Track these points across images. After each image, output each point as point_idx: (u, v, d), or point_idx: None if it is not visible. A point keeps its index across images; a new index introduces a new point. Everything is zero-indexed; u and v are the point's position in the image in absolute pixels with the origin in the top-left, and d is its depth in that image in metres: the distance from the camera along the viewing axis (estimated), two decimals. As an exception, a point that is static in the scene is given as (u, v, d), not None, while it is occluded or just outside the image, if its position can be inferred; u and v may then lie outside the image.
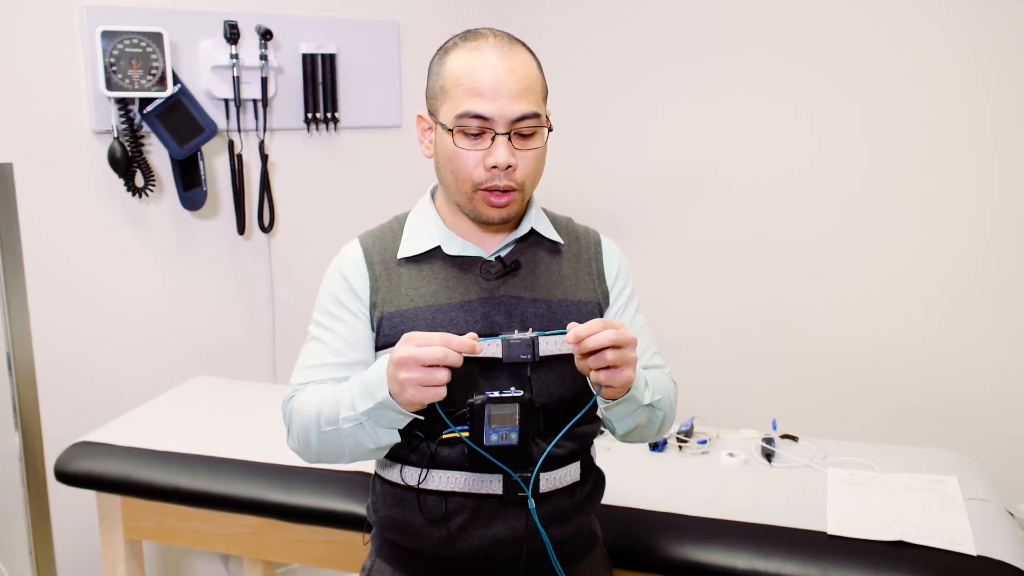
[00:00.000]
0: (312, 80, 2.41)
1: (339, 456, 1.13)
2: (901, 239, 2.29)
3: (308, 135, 2.48)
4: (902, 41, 2.22)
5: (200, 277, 2.37)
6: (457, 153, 1.13)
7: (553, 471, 1.19)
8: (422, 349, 0.99)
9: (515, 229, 1.23)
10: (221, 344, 2.41)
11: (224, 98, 2.27)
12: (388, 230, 1.26)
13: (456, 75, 1.13)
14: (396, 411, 1.04)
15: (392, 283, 1.19)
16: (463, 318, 1.15)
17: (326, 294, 1.22)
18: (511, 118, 1.12)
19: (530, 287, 1.18)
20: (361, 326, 1.19)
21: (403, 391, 1.01)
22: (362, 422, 1.07)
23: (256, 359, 2.48)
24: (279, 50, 2.36)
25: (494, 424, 1.04)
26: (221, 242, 2.39)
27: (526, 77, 1.14)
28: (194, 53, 2.23)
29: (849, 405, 2.38)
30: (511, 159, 1.12)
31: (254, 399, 2.07)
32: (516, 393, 1.03)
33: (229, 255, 2.41)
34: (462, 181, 1.15)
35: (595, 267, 1.26)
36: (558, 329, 1.12)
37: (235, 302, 2.44)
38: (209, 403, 2.04)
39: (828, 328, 2.41)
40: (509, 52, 1.15)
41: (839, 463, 1.71)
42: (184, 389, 2.13)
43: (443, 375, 1.00)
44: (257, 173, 2.40)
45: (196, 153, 2.23)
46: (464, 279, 1.18)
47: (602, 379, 1.06)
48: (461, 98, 1.12)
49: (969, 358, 2.21)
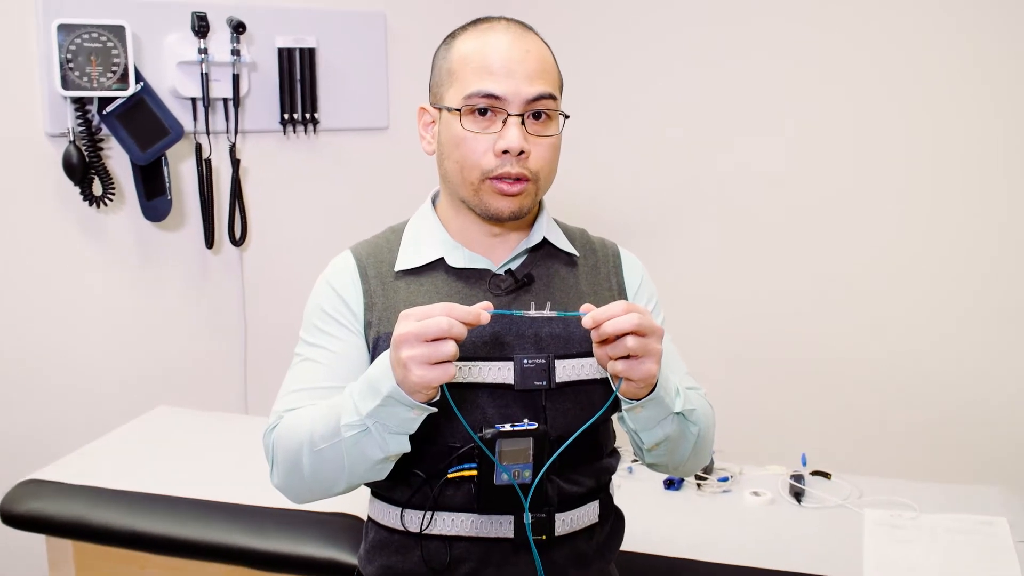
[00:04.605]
0: (289, 77, 2.41)
1: (336, 478, 1.10)
2: (948, 261, 2.31)
3: (285, 138, 2.48)
4: (930, 54, 2.27)
5: (164, 295, 2.36)
6: (464, 138, 1.14)
7: (570, 511, 1.18)
8: (423, 322, 0.99)
9: (525, 237, 1.24)
10: (187, 370, 2.40)
11: (191, 97, 2.28)
12: (383, 241, 1.26)
13: (466, 56, 1.15)
14: (406, 404, 1.02)
15: (389, 299, 1.19)
16: (469, 339, 1.15)
17: (314, 310, 1.22)
18: (525, 98, 1.13)
19: (544, 303, 1.18)
20: (357, 342, 1.18)
21: (408, 373, 0.99)
22: (367, 427, 1.05)
23: (226, 387, 2.47)
24: (253, 44, 2.37)
25: (505, 461, 1.04)
26: (187, 257, 2.39)
27: (542, 59, 1.16)
28: (159, 48, 2.24)
29: (887, 438, 2.39)
30: (524, 143, 1.13)
31: (224, 432, 2.05)
32: (530, 425, 1.03)
33: (196, 271, 2.41)
34: (469, 169, 1.15)
35: (615, 281, 1.27)
36: (578, 350, 1.12)
37: (203, 324, 2.43)
38: (173, 437, 2.02)
39: (864, 354, 2.42)
40: (523, 34, 1.17)
41: (876, 503, 1.71)
42: (145, 421, 2.12)
43: (449, 348, 0.99)
44: (228, 180, 2.40)
45: (160, 158, 2.23)
46: (471, 295, 1.18)
47: (620, 370, 1.05)
48: (471, 78, 1.13)
49: (1020, 388, 2.23)
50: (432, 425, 1.11)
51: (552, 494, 1.16)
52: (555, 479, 1.16)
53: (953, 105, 2.24)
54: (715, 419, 1.27)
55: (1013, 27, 2.13)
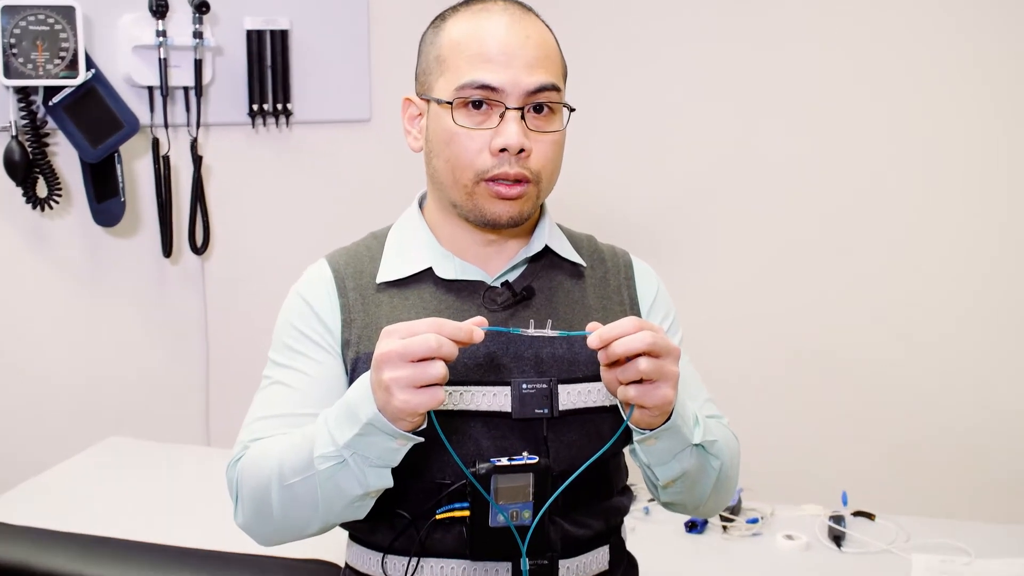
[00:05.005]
0: (259, 63, 2.42)
1: (310, 517, 1.10)
2: (1002, 272, 2.31)
3: (253, 132, 2.49)
4: (948, 56, 2.30)
5: (115, 311, 2.37)
6: (456, 134, 1.14)
7: (576, 558, 1.18)
8: (408, 340, 0.98)
9: (525, 245, 1.24)
10: (141, 396, 2.40)
11: (148, 86, 2.29)
12: (364, 248, 1.26)
13: (457, 41, 1.15)
14: (389, 433, 1.02)
15: (370, 315, 1.19)
16: (461, 360, 1.15)
17: (285, 327, 1.22)
18: (526, 90, 1.14)
19: (546, 321, 1.18)
20: (334, 363, 1.19)
21: (391, 398, 0.99)
22: (344, 459, 1.05)
23: (186, 415, 2.47)
24: (217, 26, 2.38)
25: (502, 500, 1.04)
26: (142, 266, 2.39)
27: (543, 45, 1.16)
28: (112, 31, 2.24)
29: (938, 473, 2.39)
30: (524, 140, 1.14)
31: (183, 466, 2.06)
32: (530, 459, 1.03)
33: (152, 283, 2.41)
34: (461, 170, 1.15)
35: (626, 295, 1.27)
36: (583, 374, 1.11)
37: (160, 342, 2.43)
38: (127, 471, 2.03)
39: (907, 378, 2.42)
40: (522, 16, 1.17)
41: (925, 547, 1.71)
42: (95, 453, 2.12)
43: (438, 369, 0.98)
44: (188, 180, 2.40)
45: (113, 155, 2.23)
46: (462, 310, 1.18)
47: (631, 396, 1.05)
48: (464, 66, 1.14)
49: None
50: (418, 458, 1.11)
51: (555, 538, 1.16)
52: (558, 520, 1.16)
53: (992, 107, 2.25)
54: (740, 452, 1.27)
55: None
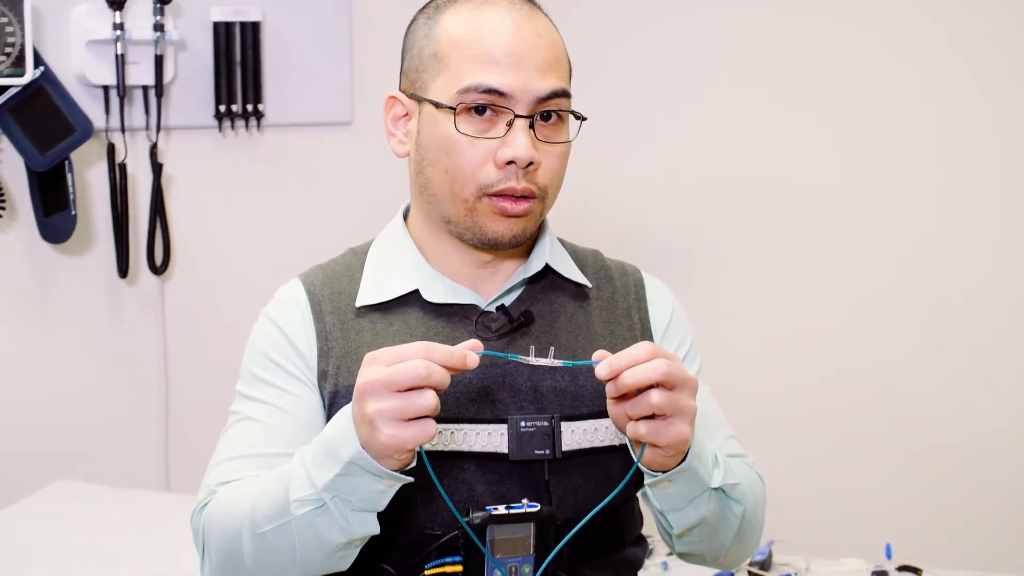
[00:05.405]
0: (227, 59, 2.43)
1: (286, 569, 1.10)
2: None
3: (221, 136, 2.50)
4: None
5: (64, 337, 2.37)
6: (458, 142, 1.15)
7: (583, 617, 1.18)
8: (394, 367, 0.98)
9: (522, 265, 1.25)
10: (93, 434, 2.39)
11: (103, 85, 2.30)
12: (342, 267, 1.27)
13: (458, 38, 1.16)
14: (374, 473, 1.02)
15: (350, 342, 1.20)
16: (452, 394, 1.16)
17: (255, 355, 1.23)
18: (536, 96, 1.15)
19: (547, 351, 1.19)
20: (310, 396, 1.19)
21: (375, 432, 0.98)
22: (324, 502, 1.04)
23: (142, 456, 2.46)
24: (181, 17, 2.39)
25: (500, 553, 1.05)
26: (95, 288, 2.39)
27: (554, 46, 1.18)
28: (63, 24, 2.25)
29: (991, 524, 2.38)
30: (534, 152, 1.15)
31: (140, 513, 2.05)
32: (530, 507, 1.04)
33: (106, 306, 2.41)
34: (462, 183, 1.16)
35: (637, 318, 1.28)
36: (589, 409, 1.11)
37: (113, 373, 2.43)
38: (75, 519, 2.02)
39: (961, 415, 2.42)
40: (531, 13, 1.19)
41: (979, 605, 1.72)
42: (40, 499, 2.11)
43: (428, 400, 0.98)
44: (148, 190, 2.41)
45: (63, 163, 2.24)
46: (453, 337, 1.19)
47: (642, 433, 1.05)
48: (467, 67, 1.15)
49: None
50: (405, 506, 1.11)
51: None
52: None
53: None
54: (766, 496, 1.27)
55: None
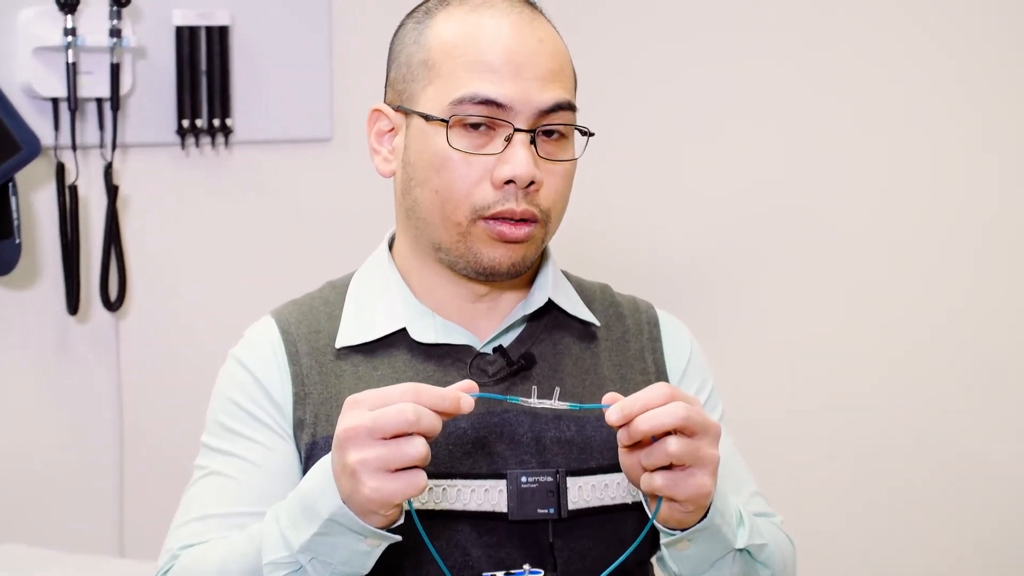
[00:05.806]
0: (191, 69, 2.44)
1: None
2: None
3: (183, 154, 2.50)
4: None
5: (6, 382, 2.37)
6: (450, 159, 1.16)
7: None
8: (379, 412, 0.98)
9: (523, 300, 1.26)
10: (39, 491, 2.39)
11: (53, 98, 2.31)
12: (320, 303, 1.28)
13: (451, 43, 1.18)
14: (357, 531, 1.01)
15: (329, 387, 1.21)
16: (444, 446, 1.17)
17: (222, 402, 1.23)
18: (538, 108, 1.16)
19: (550, 395, 1.20)
20: (284, 447, 1.20)
21: (359, 485, 0.98)
22: (301, 565, 1.04)
23: (94, 516, 2.46)
24: (140, 22, 2.40)
25: (500, 624, 1.05)
26: (41, 325, 2.40)
27: (558, 54, 1.19)
28: (8, 30, 2.27)
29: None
30: (535, 171, 1.16)
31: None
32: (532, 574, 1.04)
33: (54, 346, 2.41)
34: (455, 204, 1.17)
35: (651, 360, 1.29)
36: (599, 462, 1.12)
37: (62, 421, 2.43)
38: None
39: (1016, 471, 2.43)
40: (532, 17, 1.20)
41: None
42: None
43: (417, 449, 0.97)
44: (101, 215, 2.41)
45: (6, 184, 2.24)
46: (444, 381, 1.18)
47: (659, 485, 1.04)
48: (462, 75, 1.16)
49: None
50: (392, 570, 1.11)
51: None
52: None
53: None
54: (796, 560, 1.28)
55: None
